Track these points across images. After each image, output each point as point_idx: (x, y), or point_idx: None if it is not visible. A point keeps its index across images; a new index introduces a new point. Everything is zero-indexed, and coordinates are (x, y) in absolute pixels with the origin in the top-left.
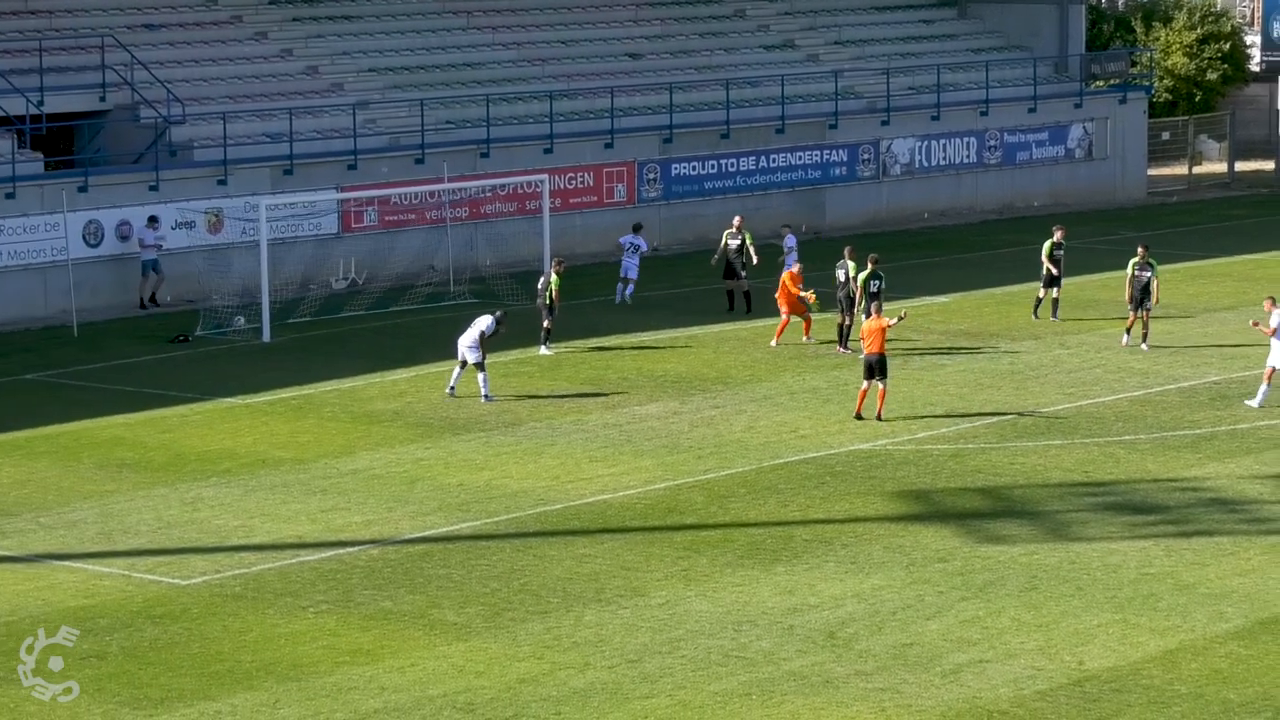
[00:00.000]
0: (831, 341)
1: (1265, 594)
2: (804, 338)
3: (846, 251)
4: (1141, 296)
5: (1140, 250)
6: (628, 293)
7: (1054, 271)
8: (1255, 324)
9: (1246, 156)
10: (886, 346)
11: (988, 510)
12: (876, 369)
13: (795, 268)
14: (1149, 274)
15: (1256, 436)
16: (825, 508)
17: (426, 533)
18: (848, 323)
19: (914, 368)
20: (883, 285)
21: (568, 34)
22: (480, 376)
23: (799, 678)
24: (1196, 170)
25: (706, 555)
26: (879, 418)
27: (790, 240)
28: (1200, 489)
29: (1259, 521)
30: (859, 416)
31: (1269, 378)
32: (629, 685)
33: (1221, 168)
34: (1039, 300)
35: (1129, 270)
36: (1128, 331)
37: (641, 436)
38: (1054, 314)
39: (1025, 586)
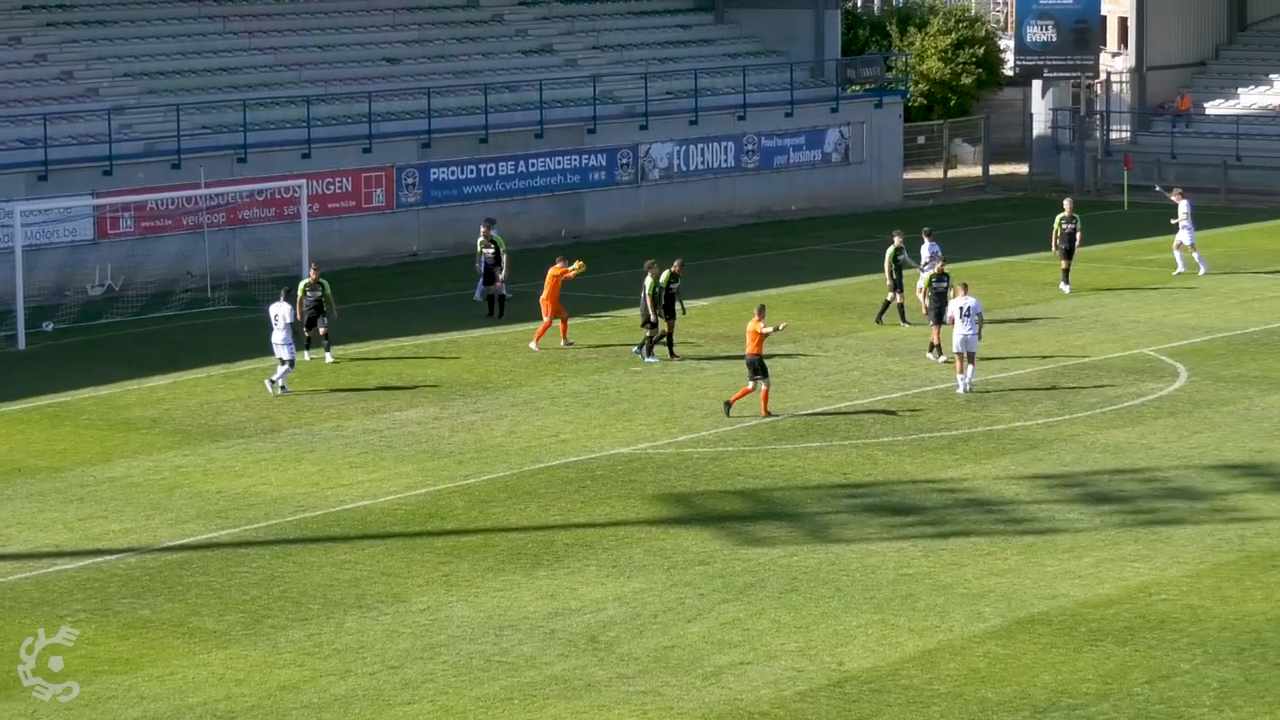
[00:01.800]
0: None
1: (1022, 594)
2: (562, 341)
3: (648, 265)
4: (940, 308)
5: (939, 263)
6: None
7: (891, 278)
8: (951, 321)
9: (1001, 160)
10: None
11: (748, 512)
12: (751, 369)
13: (559, 264)
14: (945, 285)
15: (1012, 437)
16: (586, 511)
17: (185, 540)
18: (666, 329)
19: (673, 371)
20: (675, 286)
21: (325, 38)
22: (284, 370)
23: (561, 682)
24: (952, 173)
25: (468, 560)
26: (765, 414)
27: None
28: (957, 490)
29: (1015, 522)
30: (727, 405)
31: (961, 364)
32: (390, 691)
33: (976, 171)
34: (886, 304)
35: (926, 282)
36: (935, 347)
37: (402, 442)
38: (902, 319)
39: (785, 588)
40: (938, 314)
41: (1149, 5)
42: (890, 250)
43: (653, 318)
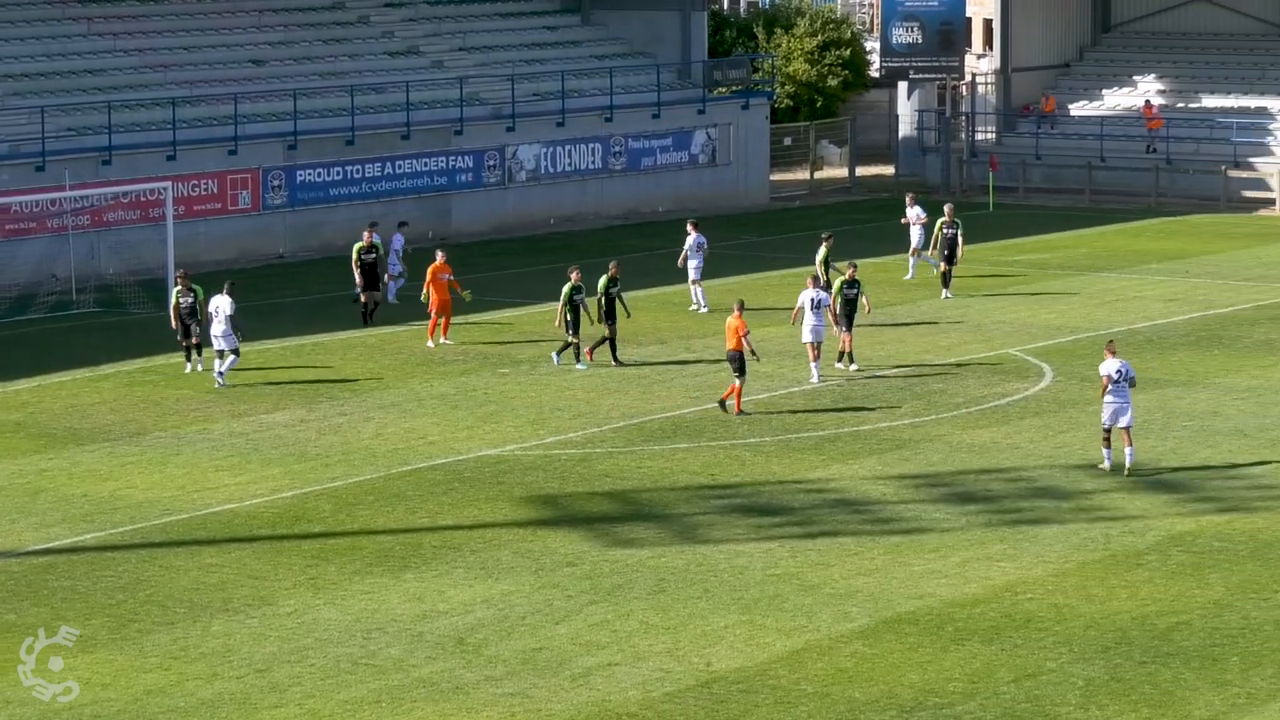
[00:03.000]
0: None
1: (888, 593)
2: (442, 339)
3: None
4: (850, 314)
5: (849, 270)
6: (392, 290)
7: (824, 279)
8: (801, 311)
9: (867, 161)
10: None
11: (616, 514)
12: (733, 364)
13: (440, 258)
14: (856, 291)
15: (879, 438)
16: (454, 514)
17: (50, 544)
18: (610, 334)
19: (542, 373)
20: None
21: (190, 40)
22: (231, 360)
23: (429, 684)
24: (818, 175)
25: (335, 563)
26: (738, 412)
27: (398, 241)
28: (824, 490)
29: (882, 522)
30: (721, 404)
31: (814, 356)
32: (257, 695)
33: (842, 172)
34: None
35: (837, 289)
36: (844, 355)
37: (268, 445)
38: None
39: (653, 589)
40: (848, 321)
41: (1013, 7)
42: (822, 252)
43: (592, 323)
